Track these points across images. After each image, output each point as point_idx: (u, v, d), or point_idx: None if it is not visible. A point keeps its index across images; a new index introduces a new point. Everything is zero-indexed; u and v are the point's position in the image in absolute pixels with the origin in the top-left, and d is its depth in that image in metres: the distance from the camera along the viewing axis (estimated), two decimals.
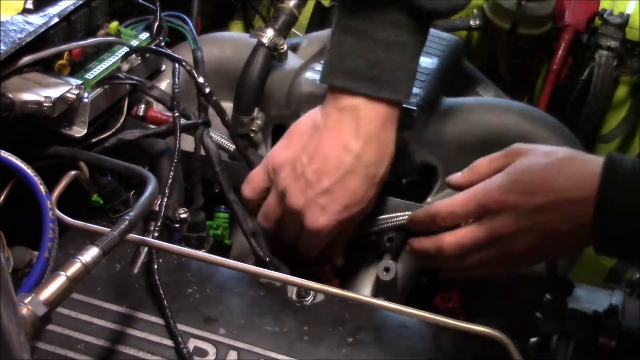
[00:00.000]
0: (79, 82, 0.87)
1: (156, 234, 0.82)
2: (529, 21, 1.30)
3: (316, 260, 0.93)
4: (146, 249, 0.80)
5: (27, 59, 0.83)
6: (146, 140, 0.94)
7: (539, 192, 0.80)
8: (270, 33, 1.03)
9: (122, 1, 1.06)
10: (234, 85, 1.04)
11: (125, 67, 0.95)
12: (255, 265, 0.86)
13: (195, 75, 0.95)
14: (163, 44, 1.00)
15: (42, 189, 0.72)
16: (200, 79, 0.95)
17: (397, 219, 0.94)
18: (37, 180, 0.73)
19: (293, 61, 1.06)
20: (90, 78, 0.90)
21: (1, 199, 0.80)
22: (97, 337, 0.74)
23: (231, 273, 0.81)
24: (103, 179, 0.88)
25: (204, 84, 0.95)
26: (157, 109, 1.00)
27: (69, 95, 0.85)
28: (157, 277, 0.78)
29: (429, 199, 1.00)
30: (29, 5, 0.85)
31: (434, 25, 0.94)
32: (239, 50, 1.08)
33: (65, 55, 0.88)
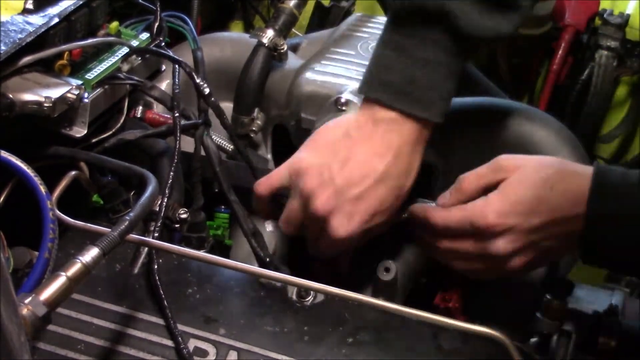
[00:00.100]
0: (79, 82, 0.87)
1: (156, 234, 0.82)
2: (529, 21, 1.30)
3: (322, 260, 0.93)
4: (146, 249, 0.80)
5: (27, 59, 0.83)
6: (146, 141, 0.94)
7: (534, 213, 0.80)
8: (270, 33, 1.03)
9: (122, 1, 1.06)
10: (234, 85, 1.04)
11: (126, 68, 0.95)
12: (255, 265, 0.86)
13: (194, 76, 0.95)
14: (163, 44, 1.00)
15: (42, 189, 0.72)
16: (198, 80, 0.95)
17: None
18: (37, 180, 0.73)
19: (293, 61, 1.06)
20: (90, 78, 0.90)
21: (1, 199, 0.80)
22: (97, 337, 0.74)
23: (231, 273, 0.81)
24: (103, 179, 0.88)
25: (203, 85, 0.95)
26: (157, 109, 1.01)
27: (69, 95, 0.85)
28: (157, 277, 0.78)
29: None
30: (29, 5, 0.85)
31: None
32: (239, 50, 1.08)
33: (66, 56, 0.88)
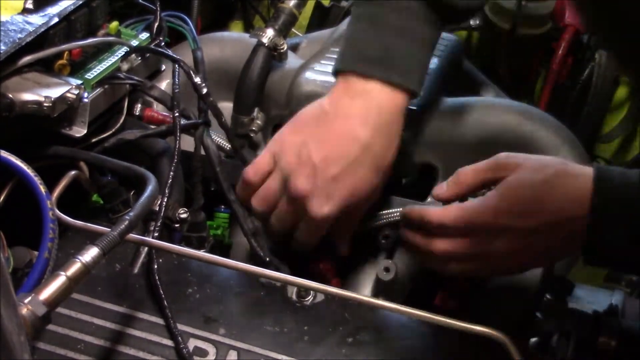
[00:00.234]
0: (79, 82, 0.87)
1: (156, 234, 0.81)
2: (529, 21, 1.30)
3: (314, 254, 0.92)
4: (146, 249, 0.80)
5: (27, 59, 0.83)
6: (146, 140, 0.94)
7: (532, 214, 0.79)
8: (270, 33, 1.03)
9: (122, 1, 1.05)
10: (234, 85, 1.04)
11: (125, 67, 0.95)
12: (255, 265, 0.86)
13: (193, 75, 0.95)
14: (163, 44, 1.00)
15: (42, 189, 0.72)
16: (197, 79, 0.95)
17: (395, 215, 0.94)
18: (37, 180, 0.73)
19: (293, 61, 1.06)
20: (90, 78, 0.90)
21: (1, 199, 0.80)
22: (97, 337, 0.74)
23: (231, 273, 0.81)
24: (103, 179, 0.88)
25: (202, 85, 0.95)
26: (157, 109, 1.00)
27: (69, 95, 0.85)
28: (157, 277, 0.78)
29: (429, 199, 0.99)
30: (29, 5, 0.85)
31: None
32: (239, 50, 1.08)
33: (65, 55, 0.88)
